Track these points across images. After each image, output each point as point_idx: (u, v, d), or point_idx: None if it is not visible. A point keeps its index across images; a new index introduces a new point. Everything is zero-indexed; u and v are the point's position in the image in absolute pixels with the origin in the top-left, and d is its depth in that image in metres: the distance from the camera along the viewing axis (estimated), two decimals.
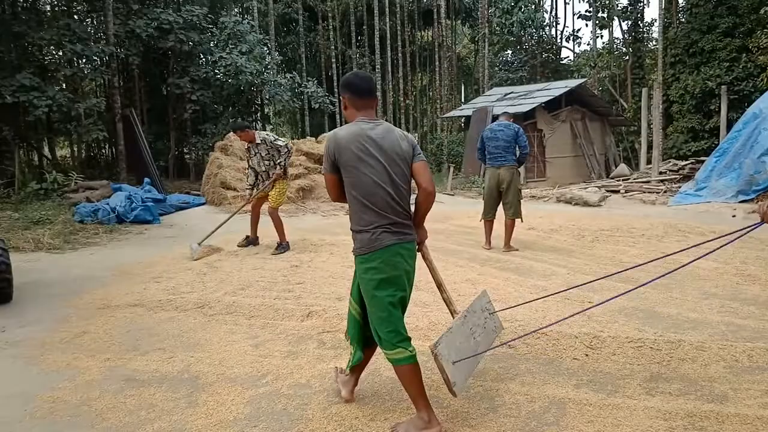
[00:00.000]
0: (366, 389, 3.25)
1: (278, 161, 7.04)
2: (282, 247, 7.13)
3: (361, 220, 2.76)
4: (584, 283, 4.29)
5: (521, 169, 6.96)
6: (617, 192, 13.32)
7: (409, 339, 2.84)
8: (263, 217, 7.40)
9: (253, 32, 16.96)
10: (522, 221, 7.00)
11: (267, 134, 7.18)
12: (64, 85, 14.40)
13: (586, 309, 3.78)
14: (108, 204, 9.82)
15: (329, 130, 20.39)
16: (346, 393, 3.12)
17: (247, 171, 7.57)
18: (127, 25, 14.60)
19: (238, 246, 7.32)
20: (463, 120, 21.29)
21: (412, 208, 2.94)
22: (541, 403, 3.03)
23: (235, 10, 21.17)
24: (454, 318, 3.21)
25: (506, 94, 19.24)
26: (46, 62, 13.94)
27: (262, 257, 6.88)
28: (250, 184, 7.37)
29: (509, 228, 6.84)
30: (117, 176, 14.36)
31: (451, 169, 16.02)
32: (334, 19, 25.50)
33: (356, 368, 3.12)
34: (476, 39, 29.68)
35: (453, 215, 10.42)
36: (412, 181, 2.89)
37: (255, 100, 18.99)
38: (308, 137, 16.30)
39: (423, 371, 2.88)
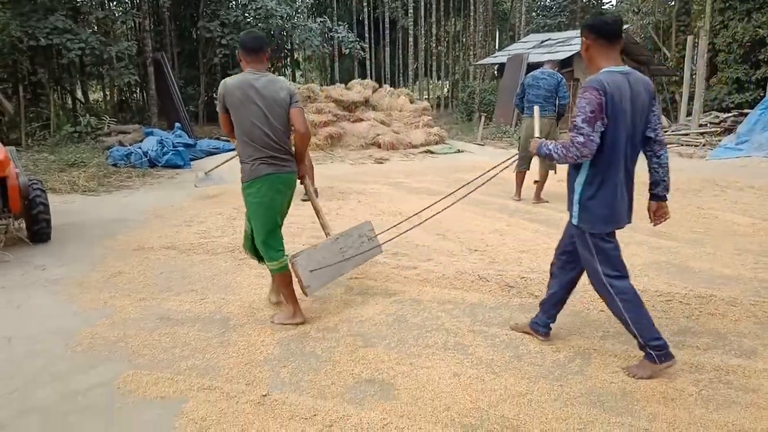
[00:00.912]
0: (393, 335, 3.31)
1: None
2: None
3: (243, 154, 3.37)
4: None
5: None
6: None
7: (283, 251, 3.50)
8: None
9: None
10: (555, 173, 6.86)
11: (282, 80, 7.09)
12: (96, 27, 14.37)
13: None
14: (140, 148, 9.96)
15: (359, 77, 20.09)
16: (291, 317, 3.54)
17: None
18: None
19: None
20: (496, 68, 20.69)
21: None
22: (567, 353, 3.04)
23: None
24: (327, 238, 3.88)
25: (543, 41, 18.55)
26: (78, 4, 13.90)
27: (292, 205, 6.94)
28: None
29: (542, 179, 6.73)
30: (148, 120, 14.50)
31: (483, 119, 15.69)
32: None
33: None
34: None
35: (482, 166, 10.26)
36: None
37: (285, 45, 18.73)
38: (337, 84, 16.09)
39: (409, 327, 2.89)
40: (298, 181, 3.64)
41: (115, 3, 15.81)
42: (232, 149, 11.80)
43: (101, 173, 8.79)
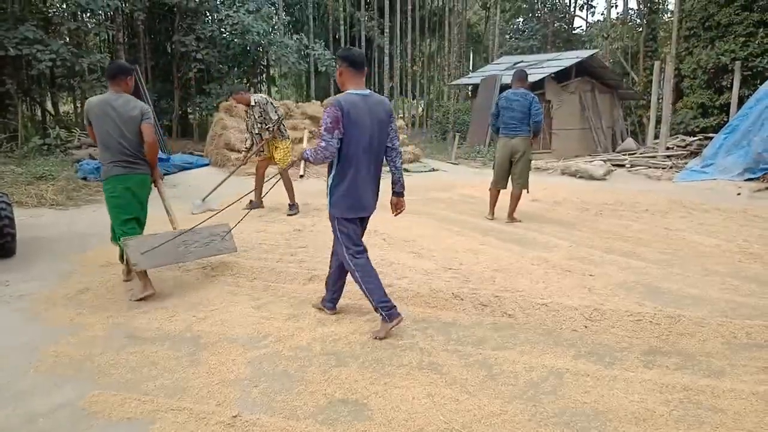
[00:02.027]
0: (367, 354, 3.28)
1: (267, 126, 7.10)
2: (294, 207, 7.22)
3: (102, 158, 4.28)
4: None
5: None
6: (622, 166, 13.21)
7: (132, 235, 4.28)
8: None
9: None
10: (528, 192, 6.96)
11: (261, 97, 7.14)
12: (68, 39, 14.14)
13: None
14: None
15: (335, 94, 20.16)
16: (142, 290, 4.20)
17: (246, 134, 7.60)
18: None
19: (243, 209, 7.27)
20: (470, 88, 21.00)
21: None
22: (540, 373, 3.06)
23: None
24: (174, 230, 4.58)
25: (515, 63, 18.92)
26: (50, 15, 13.69)
27: (264, 220, 6.89)
28: (246, 147, 7.46)
29: (515, 199, 6.81)
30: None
31: (456, 138, 15.86)
32: None
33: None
34: (488, 5, 29.09)
35: (456, 184, 10.37)
36: None
37: (261, 61, 18.71)
38: (313, 100, 16.12)
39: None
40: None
41: (88, 15, 15.58)
42: (206, 164, 11.68)
43: (70, 187, 8.59)
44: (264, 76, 19.90)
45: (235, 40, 15.56)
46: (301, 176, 5.70)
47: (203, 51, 15.47)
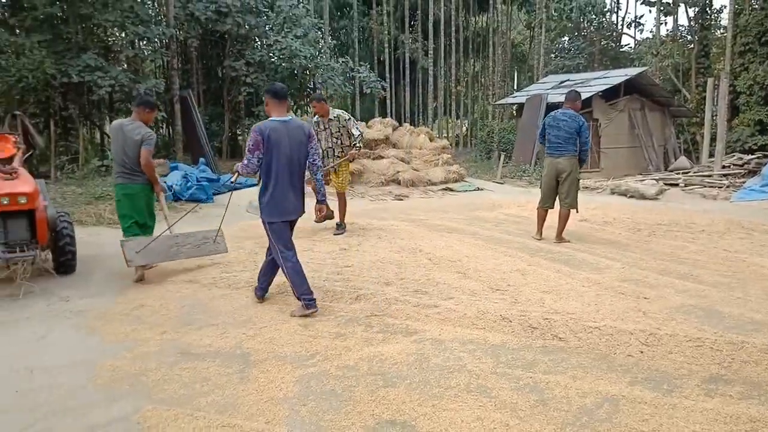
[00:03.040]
0: (414, 375, 3.25)
1: (355, 143, 7.12)
2: (341, 227, 7.25)
3: (113, 169, 5.48)
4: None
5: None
6: (676, 185, 12.80)
7: (130, 234, 5.34)
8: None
9: (308, 16, 17.04)
10: (577, 212, 6.82)
11: (342, 112, 7.19)
12: (126, 65, 14.82)
13: None
14: (165, 182, 10.12)
15: (380, 116, 20.37)
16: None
17: None
18: (186, 8, 14.90)
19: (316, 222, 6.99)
20: (515, 107, 20.86)
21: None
22: (593, 399, 2.96)
23: None
24: (170, 233, 5.45)
25: (562, 82, 18.71)
26: (110, 43, 14.39)
27: (311, 239, 6.96)
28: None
29: (563, 218, 6.68)
30: (173, 155, 14.77)
31: (502, 157, 15.74)
32: (388, 4, 25.32)
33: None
34: (532, 25, 28.95)
35: (502, 204, 10.26)
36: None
37: (308, 84, 19.13)
38: (359, 122, 16.33)
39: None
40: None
41: (144, 42, 16.31)
42: (254, 184, 11.95)
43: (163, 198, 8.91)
44: (310, 98, 20.30)
45: (283, 64, 15.98)
46: (232, 182, 6.08)
47: (252, 75, 15.93)
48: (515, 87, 31.06)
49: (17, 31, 12.96)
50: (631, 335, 3.69)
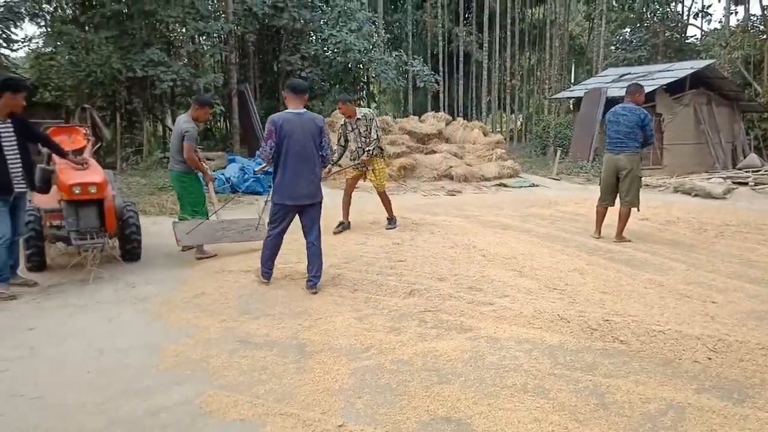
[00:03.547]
0: (469, 372, 3.22)
1: (367, 148, 6.87)
2: (392, 221, 7.22)
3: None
4: None
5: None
6: (745, 184, 12.16)
7: (184, 214, 6.00)
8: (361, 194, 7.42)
9: (362, 10, 17.08)
10: (638, 210, 6.58)
11: (370, 111, 7.05)
12: (186, 60, 15.30)
13: None
14: (223, 174, 10.40)
15: (432, 110, 20.25)
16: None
17: (334, 147, 6.99)
18: (244, 3, 15.22)
19: (334, 233, 6.93)
20: (571, 102, 20.30)
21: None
22: (657, 405, 2.85)
23: None
24: (217, 219, 6.02)
25: (622, 75, 18.06)
26: (171, 39, 14.89)
27: (365, 233, 7.00)
28: (333, 161, 6.89)
29: (623, 217, 6.46)
30: (231, 148, 15.17)
31: (558, 153, 15.36)
32: None
33: None
34: (592, 16, 28.07)
35: (558, 200, 10.02)
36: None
37: (361, 78, 19.22)
38: (411, 116, 16.28)
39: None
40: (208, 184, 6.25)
41: (204, 38, 16.78)
42: None
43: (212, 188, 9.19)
44: (364, 92, 20.42)
45: (338, 58, 16.10)
46: (256, 172, 6.97)
47: (307, 69, 16.13)
48: (572, 80, 30.21)
49: (86, 28, 13.58)
50: (698, 340, 3.54)
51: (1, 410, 2.86)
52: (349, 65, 16.87)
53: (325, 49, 16.08)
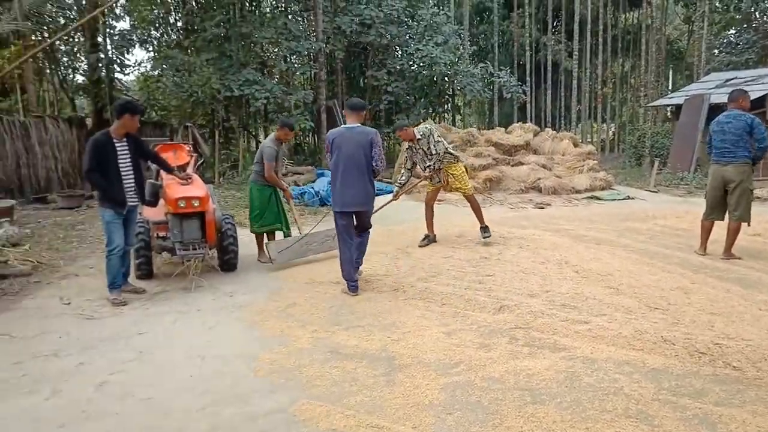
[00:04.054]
0: (565, 394, 3.10)
1: (429, 165, 6.83)
2: (487, 230, 7.02)
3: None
4: None
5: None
6: None
7: (258, 227, 6.48)
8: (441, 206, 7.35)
9: (448, 23, 17.14)
10: (749, 225, 6.09)
11: (425, 128, 6.91)
12: (278, 78, 16.01)
13: None
14: (313, 188, 10.74)
15: (518, 121, 19.87)
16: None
17: (402, 170, 7.16)
18: (333, 22, 15.74)
19: (419, 247, 6.96)
20: (669, 109, 19.19)
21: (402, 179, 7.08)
22: None
23: (431, 2, 21.57)
24: (300, 233, 6.42)
25: (727, 80, 16.86)
26: (265, 59, 15.65)
27: (451, 247, 6.95)
28: (400, 183, 7.06)
29: (733, 232, 5.99)
30: (319, 163, 15.64)
31: (656, 164, 14.54)
32: (529, 6, 24.65)
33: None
34: (692, 18, 26.50)
35: (657, 214, 9.46)
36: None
37: (447, 91, 19.24)
38: (497, 127, 16.05)
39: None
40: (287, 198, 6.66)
41: (295, 56, 17.50)
42: (392, 191, 12.23)
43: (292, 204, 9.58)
44: (449, 105, 20.41)
45: (423, 72, 16.23)
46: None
47: (393, 84, 16.37)
48: (670, 87, 28.59)
49: (189, 51, 14.56)
50: None
51: (116, 409, 3.09)
52: (435, 78, 16.95)
53: (411, 63, 16.26)
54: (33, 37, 14.78)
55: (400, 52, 17.76)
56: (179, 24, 16.71)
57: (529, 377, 3.32)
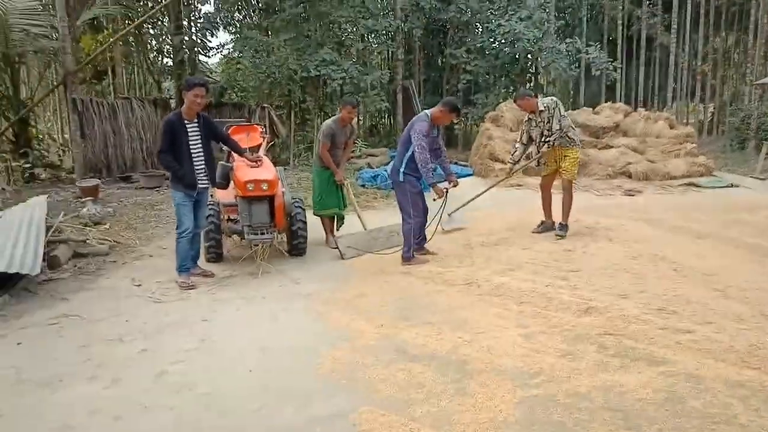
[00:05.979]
0: (666, 419, 2.66)
1: (547, 140, 6.25)
2: (564, 228, 6.43)
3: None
4: None
5: None
6: None
7: (320, 208, 6.39)
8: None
9: None
10: None
11: (551, 100, 6.31)
12: (355, 58, 15.78)
13: None
14: (386, 171, 10.46)
15: (606, 100, 18.62)
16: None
17: (516, 144, 6.70)
18: None
19: (532, 233, 6.59)
20: None
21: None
22: None
23: None
24: (365, 230, 6.30)
25: None
26: (342, 38, 15.43)
27: (531, 236, 6.48)
28: (514, 160, 6.62)
29: None
30: (394, 144, 15.34)
31: (764, 148, 13.12)
32: None
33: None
34: None
35: (766, 204, 8.46)
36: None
37: (529, 69, 18.31)
38: (583, 107, 15.07)
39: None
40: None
41: (372, 35, 17.18)
42: (470, 174, 11.74)
43: (352, 193, 9.40)
44: (532, 83, 19.45)
45: (505, 49, 15.46)
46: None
47: (473, 62, 15.72)
48: None
49: (268, 32, 14.61)
50: None
51: (173, 403, 2.97)
52: (517, 56, 16.11)
53: (492, 40, 15.52)
54: (127, 22, 15.35)
55: (480, 29, 17.00)
56: (260, 5, 16.82)
57: (622, 396, 2.90)
